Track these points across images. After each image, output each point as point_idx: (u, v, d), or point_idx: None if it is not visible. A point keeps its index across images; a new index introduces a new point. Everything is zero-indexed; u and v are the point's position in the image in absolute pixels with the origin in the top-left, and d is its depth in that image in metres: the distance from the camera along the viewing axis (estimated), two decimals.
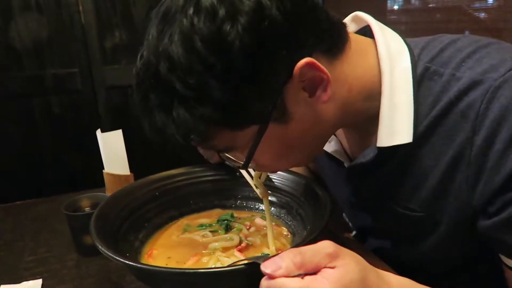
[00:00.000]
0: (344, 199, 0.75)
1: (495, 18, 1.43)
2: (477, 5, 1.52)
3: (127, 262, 0.54)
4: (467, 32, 1.52)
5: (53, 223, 1.01)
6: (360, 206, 0.71)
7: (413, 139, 0.54)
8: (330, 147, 0.72)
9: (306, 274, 0.42)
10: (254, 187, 0.77)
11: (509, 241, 0.51)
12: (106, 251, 0.57)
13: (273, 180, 0.85)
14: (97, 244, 0.59)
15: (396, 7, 1.95)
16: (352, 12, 0.66)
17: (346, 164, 0.68)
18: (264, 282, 0.42)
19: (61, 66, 2.04)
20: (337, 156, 0.68)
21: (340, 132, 0.73)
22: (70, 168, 2.11)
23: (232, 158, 0.59)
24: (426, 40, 0.59)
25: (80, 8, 2.00)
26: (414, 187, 0.58)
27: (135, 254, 0.71)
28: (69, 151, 2.11)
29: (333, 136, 0.72)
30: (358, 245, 0.82)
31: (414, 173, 0.57)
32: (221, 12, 0.44)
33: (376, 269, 0.47)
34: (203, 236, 0.77)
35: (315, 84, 0.51)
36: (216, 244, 0.72)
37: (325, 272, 0.42)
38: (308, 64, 0.48)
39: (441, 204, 0.56)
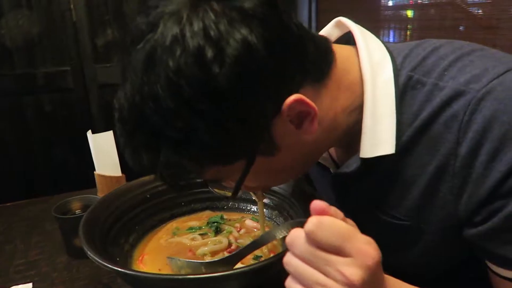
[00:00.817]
0: (331, 203, 0.76)
1: (489, 14, 1.44)
2: (471, 0, 1.52)
3: (115, 268, 0.54)
4: (461, 28, 1.52)
5: (44, 224, 1.01)
6: (346, 213, 0.71)
7: (397, 150, 0.54)
8: None
9: None
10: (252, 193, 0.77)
11: (493, 249, 0.51)
12: (94, 257, 0.57)
13: None
14: (86, 250, 0.59)
15: (390, 3, 1.95)
16: (347, 7, 0.65)
17: (332, 171, 0.68)
18: (313, 217, 0.41)
19: (52, 64, 2.02)
20: (323, 163, 0.68)
21: None
22: (62, 168, 2.10)
23: (220, 189, 0.60)
24: (409, 47, 0.59)
25: (71, 5, 1.98)
26: (399, 196, 0.58)
27: (125, 258, 0.71)
28: (61, 150, 2.10)
29: None
30: None
31: (399, 183, 0.57)
32: (209, 54, 0.43)
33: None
34: (192, 239, 0.77)
35: (302, 117, 0.51)
36: (205, 248, 0.72)
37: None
38: (296, 101, 0.48)
39: (426, 213, 0.56)
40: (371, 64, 0.56)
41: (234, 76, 0.44)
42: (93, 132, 1.01)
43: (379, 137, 0.55)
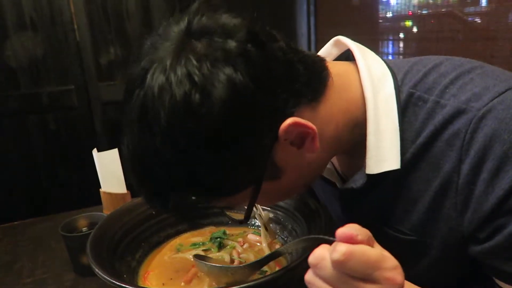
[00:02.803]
0: (337, 216, 0.76)
1: (487, 25, 1.45)
2: (470, 9, 1.53)
3: (123, 285, 0.54)
4: (460, 39, 1.54)
5: (50, 242, 1.02)
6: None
7: (401, 166, 0.55)
8: None
9: None
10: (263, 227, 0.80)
11: (499, 266, 0.51)
12: (102, 275, 0.57)
13: None
14: (94, 267, 0.59)
15: (388, 15, 1.97)
16: (344, 21, 0.67)
17: (338, 185, 0.68)
18: (342, 246, 0.39)
19: (56, 83, 2.05)
20: (329, 177, 0.69)
21: None
22: (68, 186, 2.11)
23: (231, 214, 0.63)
24: (409, 64, 0.59)
25: (75, 25, 2.01)
26: (404, 211, 0.59)
27: (132, 275, 0.72)
28: (66, 168, 2.11)
29: None
30: None
31: (404, 198, 0.58)
32: (196, 99, 0.43)
33: None
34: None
35: (302, 137, 0.51)
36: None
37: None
38: (291, 125, 0.49)
39: (431, 228, 0.57)
40: (372, 80, 0.57)
41: (225, 117, 0.44)
42: (98, 149, 1.02)
43: (384, 154, 0.55)
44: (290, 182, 0.56)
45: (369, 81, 0.56)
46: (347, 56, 0.63)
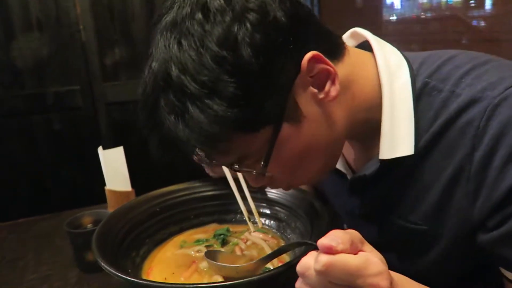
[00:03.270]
0: (345, 211, 0.76)
1: (491, 27, 1.45)
2: (474, 12, 1.53)
3: (129, 278, 0.55)
4: (464, 41, 1.54)
5: (55, 239, 1.02)
6: (362, 218, 0.72)
7: (415, 152, 0.55)
8: None
9: None
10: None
11: (507, 255, 0.51)
12: (109, 268, 0.58)
13: (273, 194, 0.86)
14: (100, 262, 0.60)
15: (392, 18, 1.98)
16: (348, 23, 0.68)
17: (349, 177, 0.69)
18: (323, 257, 0.41)
19: (62, 83, 2.07)
20: (340, 169, 0.69)
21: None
22: (72, 184, 2.12)
23: (246, 169, 0.57)
24: (424, 55, 0.60)
25: (81, 26, 2.03)
26: (415, 200, 0.59)
27: (137, 270, 0.72)
28: (71, 167, 2.12)
29: None
30: None
31: (416, 186, 0.58)
32: (229, 13, 0.47)
33: None
34: (197, 251, 0.78)
35: (322, 79, 0.52)
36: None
37: (370, 253, 0.43)
38: (314, 58, 0.51)
39: (442, 217, 0.57)
40: (388, 68, 0.57)
41: (253, 31, 0.47)
42: (103, 147, 1.03)
43: (398, 140, 0.56)
44: (308, 137, 0.54)
45: (386, 69, 0.57)
46: (363, 48, 0.64)
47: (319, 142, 0.56)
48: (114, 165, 1.01)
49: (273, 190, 0.86)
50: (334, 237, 0.42)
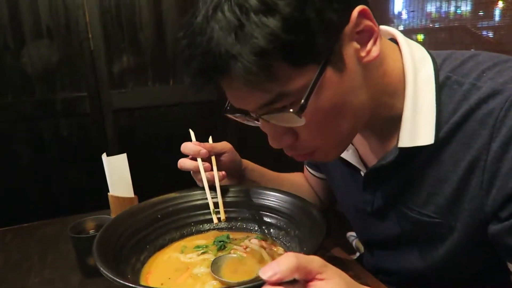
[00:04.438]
0: (355, 209, 0.76)
1: (499, 37, 1.45)
2: (483, 23, 1.53)
3: (122, 282, 0.56)
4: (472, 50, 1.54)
5: (59, 244, 1.04)
6: (374, 214, 0.72)
7: (434, 142, 0.56)
8: (347, 155, 0.73)
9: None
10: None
11: None
12: (107, 273, 0.59)
13: (273, 202, 0.87)
14: (99, 266, 0.61)
15: (400, 28, 1.98)
16: None
17: (362, 172, 0.69)
18: None
19: (70, 90, 2.10)
20: (354, 163, 0.70)
21: (357, 139, 0.73)
22: (78, 189, 2.15)
23: (279, 113, 0.54)
24: (448, 52, 0.62)
25: (89, 34, 2.07)
26: (430, 193, 0.59)
27: (136, 276, 0.73)
28: (77, 173, 2.15)
29: (350, 145, 0.73)
30: (359, 267, 0.83)
31: (432, 178, 0.59)
32: None
33: (360, 284, 0.48)
34: (190, 258, 0.78)
35: (366, 36, 0.53)
36: (201, 268, 0.73)
37: (316, 284, 0.43)
38: (363, 12, 0.52)
39: (456, 209, 0.57)
40: (413, 59, 0.59)
41: None
42: (108, 155, 1.05)
43: (419, 128, 0.57)
44: (346, 90, 0.54)
45: (410, 60, 0.59)
46: None
47: (353, 101, 0.56)
48: (117, 171, 1.02)
49: (273, 198, 0.87)
50: (274, 267, 0.42)
